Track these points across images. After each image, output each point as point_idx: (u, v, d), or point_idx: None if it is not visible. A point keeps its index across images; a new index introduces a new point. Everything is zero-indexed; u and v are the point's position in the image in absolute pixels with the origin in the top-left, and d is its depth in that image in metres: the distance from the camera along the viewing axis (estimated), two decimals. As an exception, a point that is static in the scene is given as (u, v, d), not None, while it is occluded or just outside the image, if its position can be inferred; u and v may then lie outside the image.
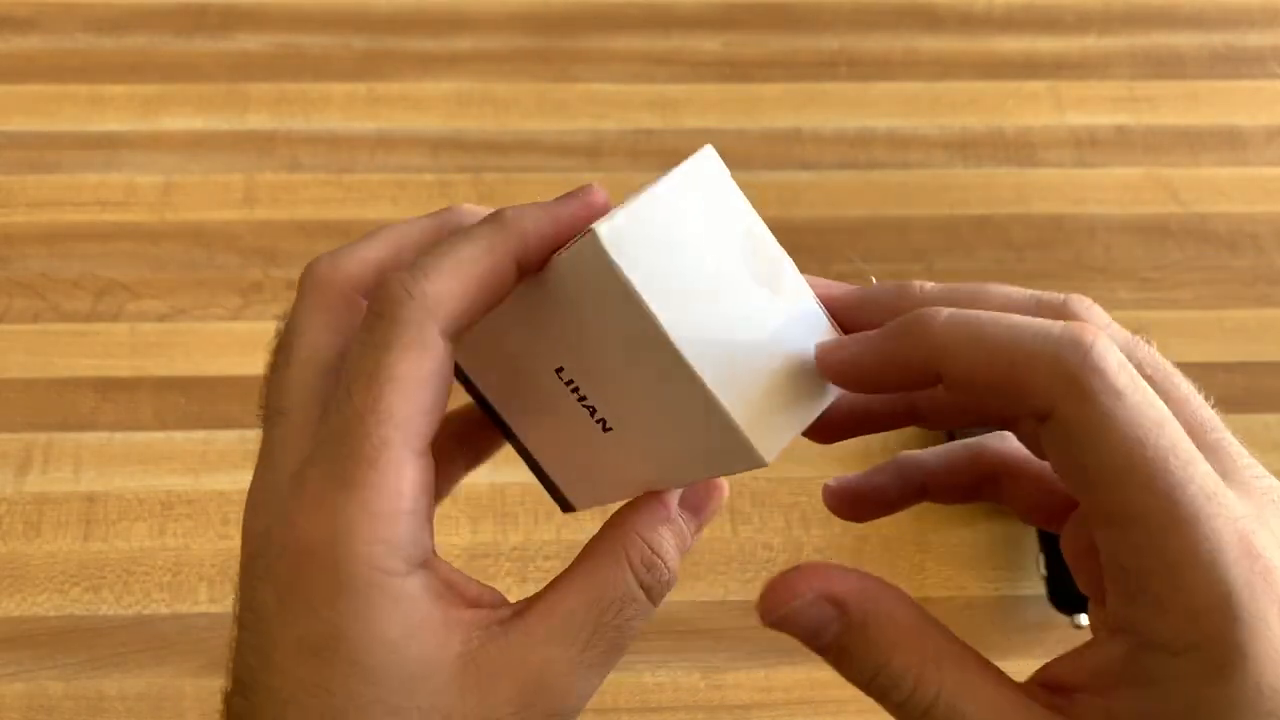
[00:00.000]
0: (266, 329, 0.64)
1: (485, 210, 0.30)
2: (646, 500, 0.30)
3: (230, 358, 0.62)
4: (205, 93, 0.72)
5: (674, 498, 0.31)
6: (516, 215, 0.28)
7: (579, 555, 0.30)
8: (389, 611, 0.26)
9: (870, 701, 0.54)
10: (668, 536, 0.30)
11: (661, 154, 0.70)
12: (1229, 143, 0.72)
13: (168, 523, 0.57)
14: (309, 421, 0.28)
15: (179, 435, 0.60)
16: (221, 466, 0.59)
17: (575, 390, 0.29)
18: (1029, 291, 0.28)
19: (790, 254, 0.28)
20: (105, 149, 0.70)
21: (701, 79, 0.74)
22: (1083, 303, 0.27)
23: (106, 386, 0.61)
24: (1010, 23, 0.77)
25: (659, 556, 0.29)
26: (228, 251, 0.66)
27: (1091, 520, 0.25)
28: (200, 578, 0.56)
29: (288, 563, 0.26)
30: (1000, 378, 0.25)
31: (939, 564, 0.57)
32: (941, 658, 0.26)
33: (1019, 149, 0.72)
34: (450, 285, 0.27)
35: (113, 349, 0.63)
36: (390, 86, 0.73)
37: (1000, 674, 0.26)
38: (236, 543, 0.28)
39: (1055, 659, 0.27)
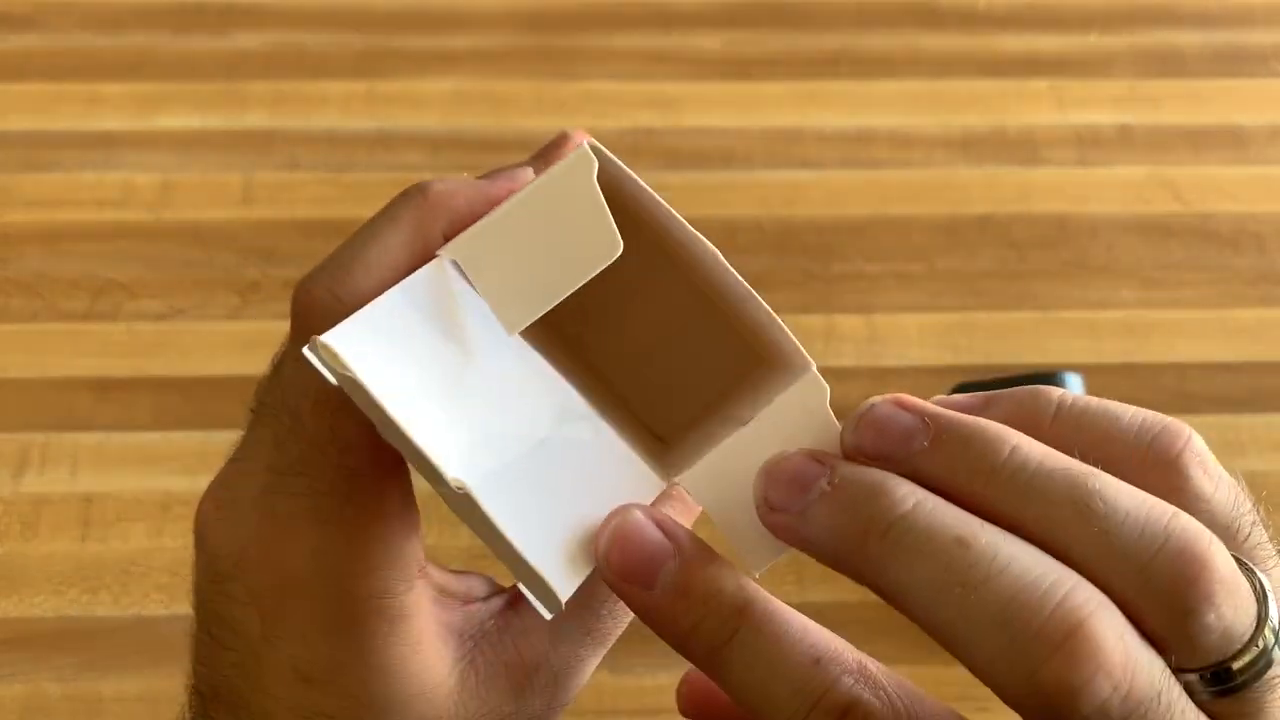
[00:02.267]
0: (265, 329, 0.64)
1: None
2: None
3: (228, 357, 0.62)
4: (203, 91, 0.72)
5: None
6: (444, 191, 0.26)
7: None
8: (386, 638, 0.25)
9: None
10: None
11: (662, 153, 0.70)
12: (1232, 142, 0.72)
13: (165, 523, 0.57)
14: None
15: (177, 435, 0.60)
16: (219, 466, 0.59)
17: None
18: (1137, 423, 0.23)
19: (791, 254, 0.27)
20: (103, 148, 0.70)
21: (702, 77, 0.74)
22: (1188, 442, 0.23)
23: (104, 386, 0.61)
24: (1012, 21, 0.77)
25: None
26: (226, 251, 0.66)
27: None
28: (198, 579, 0.56)
29: (271, 590, 0.25)
30: (961, 655, 0.21)
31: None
32: None
33: (1021, 148, 0.71)
34: (372, 284, 0.25)
35: (110, 349, 0.62)
36: (389, 85, 0.73)
37: None
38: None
39: None
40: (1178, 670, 0.21)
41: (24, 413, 0.60)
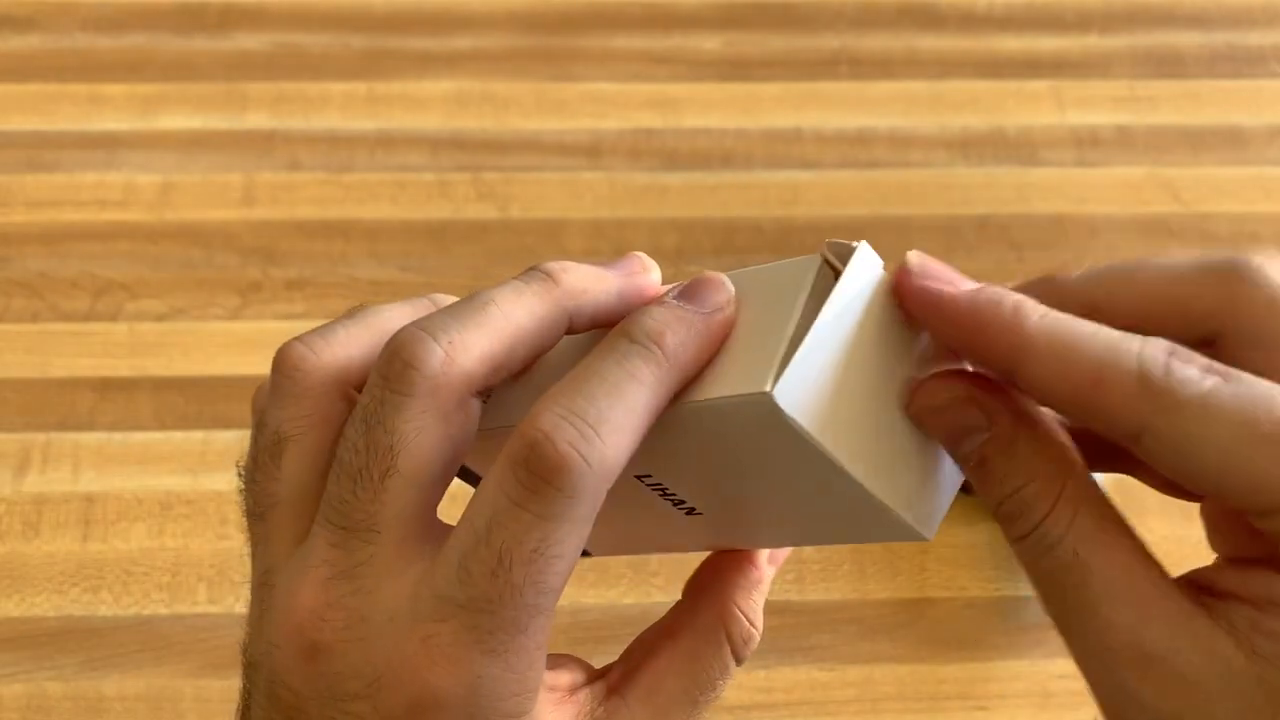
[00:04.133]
0: (265, 329, 0.64)
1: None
2: (739, 565, 0.29)
3: (229, 357, 0.62)
4: (204, 92, 0.72)
5: (764, 555, 0.30)
6: (679, 345, 0.25)
7: (672, 626, 0.29)
8: None
9: (869, 703, 0.53)
10: (760, 601, 0.29)
11: (662, 153, 0.70)
12: (1230, 142, 0.72)
13: (166, 523, 0.57)
14: (407, 546, 0.26)
15: (178, 435, 0.60)
16: (220, 466, 0.59)
17: (658, 487, 0.28)
18: (1188, 261, 0.26)
19: (791, 254, 0.27)
20: (104, 148, 0.70)
21: (702, 78, 0.74)
22: (1250, 265, 0.25)
23: (105, 386, 0.61)
24: (1011, 22, 0.77)
25: (755, 627, 0.29)
26: (226, 251, 0.66)
27: (1244, 511, 0.23)
28: (199, 578, 0.56)
29: (406, 710, 0.25)
30: (1084, 395, 0.23)
31: (939, 564, 0.57)
32: (1082, 501, 0.24)
33: (1020, 148, 0.71)
34: (626, 445, 0.24)
35: (111, 349, 0.63)
36: (389, 86, 0.73)
37: (1139, 543, 0.24)
38: (235, 542, 0.28)
39: (1208, 567, 0.25)
40: None
41: (25, 413, 0.60)
